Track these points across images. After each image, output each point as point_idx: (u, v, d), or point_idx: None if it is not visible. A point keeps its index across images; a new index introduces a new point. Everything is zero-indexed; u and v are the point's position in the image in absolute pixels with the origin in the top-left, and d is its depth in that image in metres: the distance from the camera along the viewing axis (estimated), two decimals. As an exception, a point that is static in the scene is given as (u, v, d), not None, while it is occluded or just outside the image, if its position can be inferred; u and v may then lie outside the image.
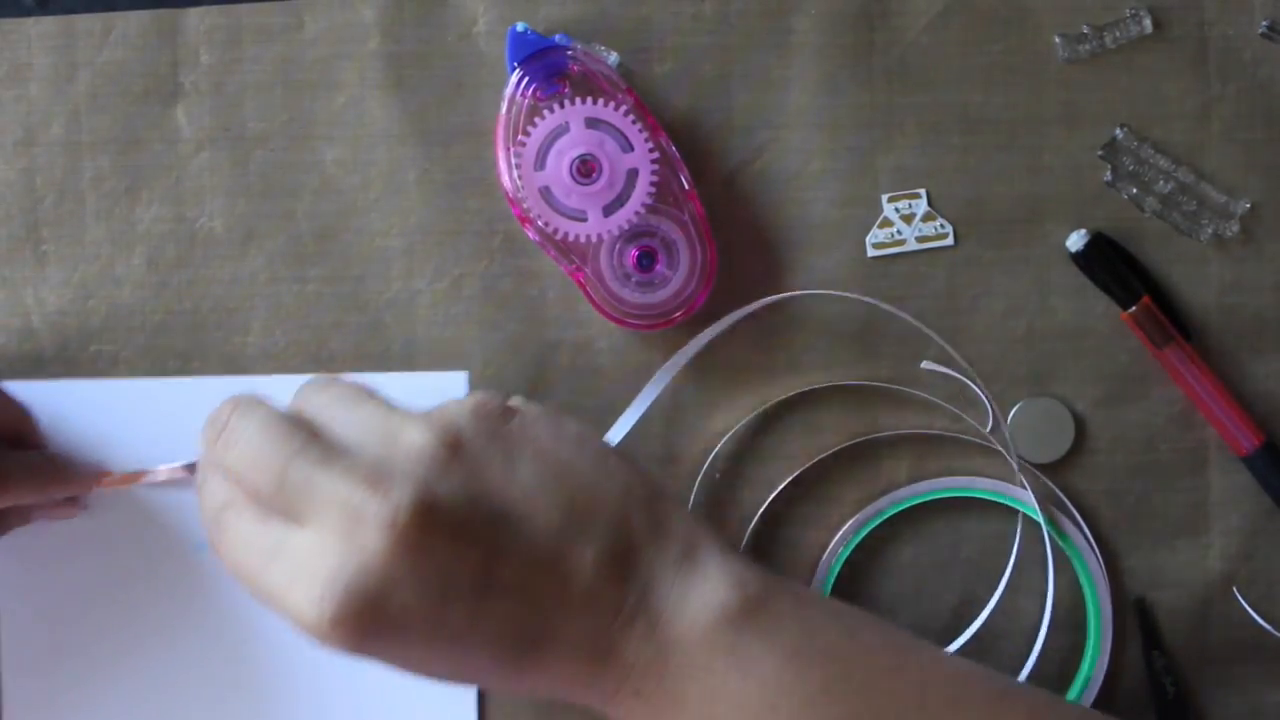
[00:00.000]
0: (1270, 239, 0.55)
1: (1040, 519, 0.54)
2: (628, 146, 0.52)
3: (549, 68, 0.52)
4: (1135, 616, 0.55)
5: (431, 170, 0.55)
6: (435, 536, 0.40)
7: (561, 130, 0.52)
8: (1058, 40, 0.55)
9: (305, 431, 0.42)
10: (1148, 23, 0.55)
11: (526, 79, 0.52)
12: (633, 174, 0.52)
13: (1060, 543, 0.55)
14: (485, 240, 0.55)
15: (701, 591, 0.43)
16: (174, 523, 0.54)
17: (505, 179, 0.52)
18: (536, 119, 0.52)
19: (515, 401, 0.45)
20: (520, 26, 0.53)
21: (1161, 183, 0.55)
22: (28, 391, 0.53)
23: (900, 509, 0.55)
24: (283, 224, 0.55)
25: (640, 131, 0.52)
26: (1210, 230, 0.55)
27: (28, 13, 0.55)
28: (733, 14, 0.55)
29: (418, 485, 0.41)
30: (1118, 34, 0.55)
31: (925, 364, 0.55)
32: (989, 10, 0.55)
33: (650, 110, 0.52)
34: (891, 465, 0.55)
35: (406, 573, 0.40)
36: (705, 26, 0.55)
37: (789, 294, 0.54)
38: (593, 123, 0.52)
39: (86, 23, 0.54)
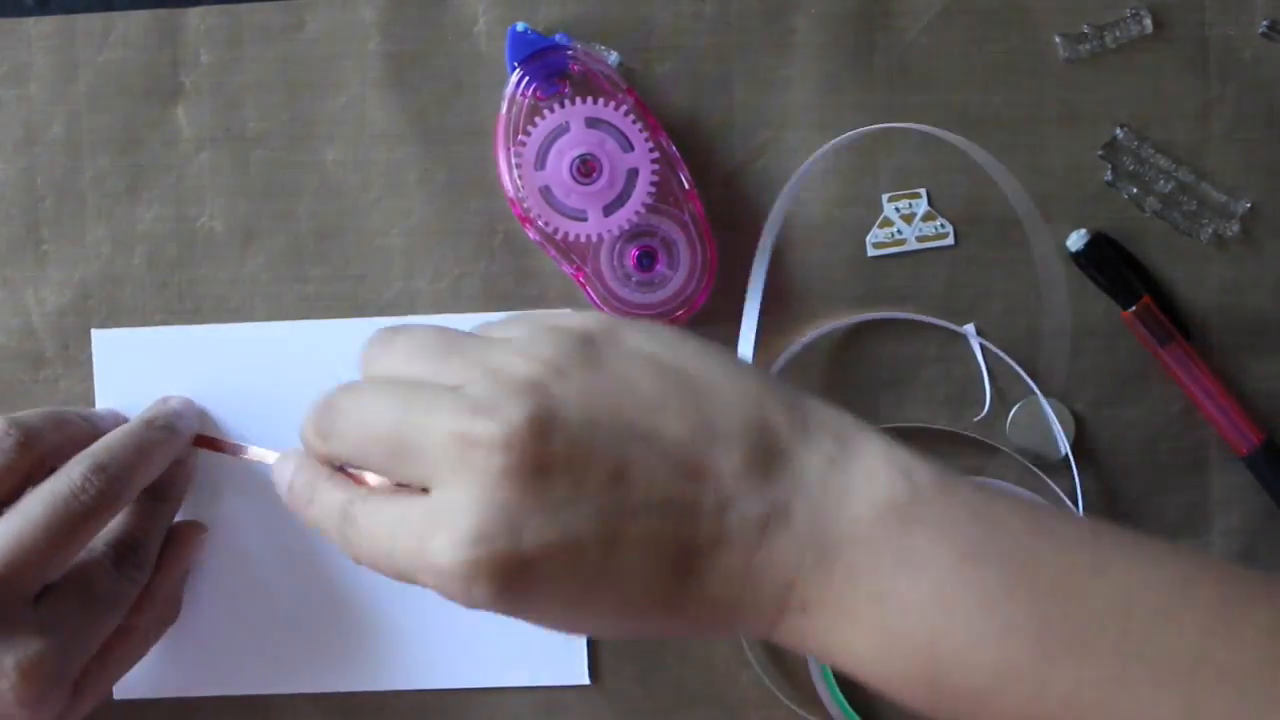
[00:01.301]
0: (1270, 239, 0.55)
1: (1040, 519, 0.54)
2: (628, 146, 0.52)
3: (549, 67, 0.52)
4: None
5: (431, 170, 0.55)
6: (554, 456, 0.38)
7: (562, 130, 0.52)
8: (1058, 40, 0.55)
9: (404, 390, 0.40)
10: (1148, 22, 0.55)
11: (526, 79, 0.52)
12: (633, 174, 0.52)
13: (1060, 543, 0.55)
14: (485, 240, 0.55)
15: (864, 485, 0.39)
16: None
17: (505, 179, 0.52)
18: (537, 119, 0.51)
19: (625, 321, 0.42)
20: (520, 26, 0.53)
21: (1161, 183, 0.55)
22: (130, 338, 0.54)
23: (900, 509, 0.55)
24: (283, 224, 0.55)
25: (640, 131, 0.52)
26: (1210, 230, 0.55)
27: (28, 13, 0.55)
28: (733, 14, 0.55)
29: (527, 403, 0.38)
30: (1118, 34, 0.55)
31: (924, 363, 0.55)
32: (989, 10, 0.55)
33: (650, 110, 0.52)
34: (891, 465, 0.55)
35: (533, 501, 0.37)
36: (705, 26, 0.55)
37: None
38: (593, 122, 0.52)
39: (86, 23, 0.54)
